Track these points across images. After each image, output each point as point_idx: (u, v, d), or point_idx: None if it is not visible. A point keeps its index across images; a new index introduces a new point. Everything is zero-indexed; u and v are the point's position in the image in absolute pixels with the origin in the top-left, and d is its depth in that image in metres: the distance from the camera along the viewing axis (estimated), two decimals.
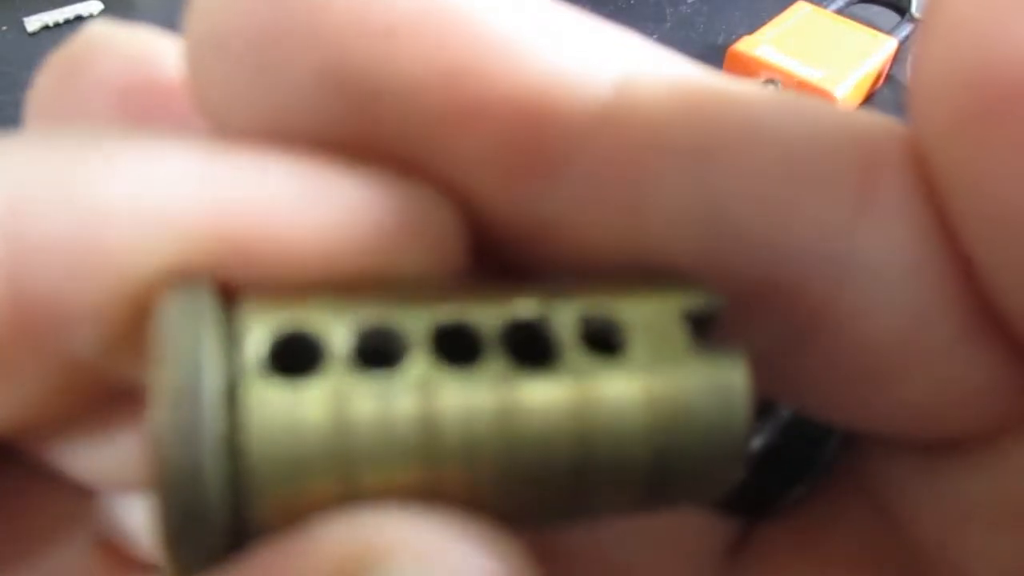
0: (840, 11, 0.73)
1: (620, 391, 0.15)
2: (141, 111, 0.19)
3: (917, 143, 0.17)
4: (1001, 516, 0.19)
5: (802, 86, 0.65)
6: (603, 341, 0.16)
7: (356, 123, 0.15)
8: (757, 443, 0.22)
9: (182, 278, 0.15)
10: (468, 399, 0.14)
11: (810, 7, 0.72)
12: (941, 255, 0.17)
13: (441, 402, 0.14)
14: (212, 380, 0.13)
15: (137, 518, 0.21)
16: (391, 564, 0.12)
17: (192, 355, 0.13)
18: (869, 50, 0.68)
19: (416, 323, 0.14)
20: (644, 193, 0.16)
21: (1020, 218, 0.15)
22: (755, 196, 0.16)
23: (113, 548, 0.21)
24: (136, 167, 0.15)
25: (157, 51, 0.20)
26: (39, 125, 0.20)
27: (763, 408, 0.22)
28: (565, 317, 0.15)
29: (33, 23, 0.75)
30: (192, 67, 0.16)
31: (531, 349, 0.15)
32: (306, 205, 0.15)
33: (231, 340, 0.14)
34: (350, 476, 0.14)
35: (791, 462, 0.22)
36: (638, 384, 0.15)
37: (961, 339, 0.17)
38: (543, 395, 0.15)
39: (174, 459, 0.13)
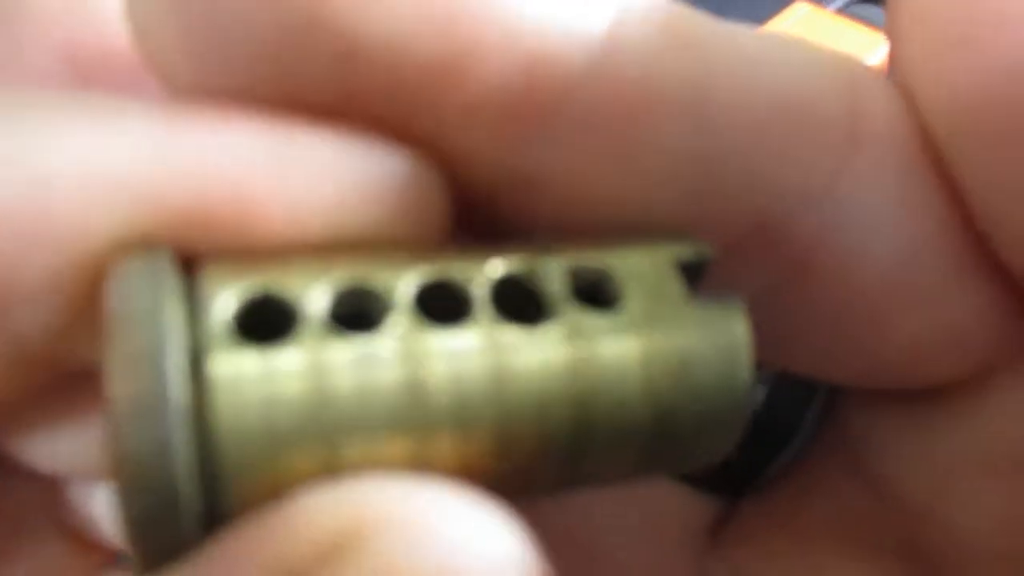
0: (840, 11, 0.73)
1: (618, 345, 0.14)
2: (86, 66, 0.18)
3: (903, 81, 0.17)
4: (991, 463, 0.18)
5: None
6: (595, 296, 0.15)
7: (331, 78, 0.14)
8: (759, 395, 0.22)
9: (138, 247, 0.13)
10: (456, 359, 0.13)
11: (809, 6, 0.72)
12: (931, 191, 0.17)
13: (427, 363, 0.13)
14: (175, 348, 0.12)
15: (103, 505, 0.20)
16: (381, 539, 0.11)
17: (151, 321, 0.12)
18: (867, 49, 0.68)
19: (397, 282, 0.14)
20: (638, 139, 0.16)
21: (1011, 141, 0.15)
22: (748, 139, 0.16)
23: (81, 537, 0.20)
24: (86, 130, 0.14)
25: (102, 3, 0.18)
26: None
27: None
28: (554, 271, 0.15)
29: None
30: (134, 16, 0.15)
31: (521, 308, 0.14)
32: (273, 169, 0.14)
33: (194, 306, 0.13)
34: (332, 449, 0.13)
35: (769, 437, 0.22)
36: (636, 337, 0.14)
37: (952, 275, 0.17)
38: (537, 351, 0.14)
39: (135, 437, 0.12)
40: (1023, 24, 0.15)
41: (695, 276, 0.16)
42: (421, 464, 0.13)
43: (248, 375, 0.12)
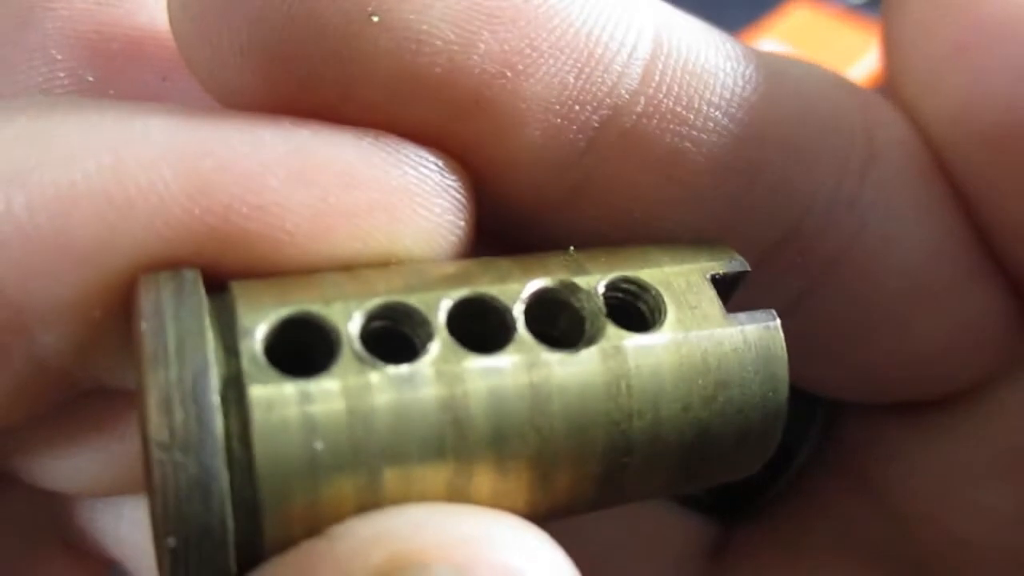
0: (858, 7, 0.73)
1: (655, 368, 0.14)
2: (111, 60, 0.17)
3: (903, 94, 0.18)
4: (993, 469, 0.19)
5: None
6: (631, 310, 0.15)
7: (397, 87, 0.14)
8: None
9: (165, 269, 0.13)
10: (495, 382, 0.13)
11: (808, 6, 0.72)
12: (942, 200, 0.18)
13: (466, 387, 0.13)
14: (213, 381, 0.12)
15: (107, 520, 0.20)
16: (430, 570, 0.11)
17: (189, 352, 0.12)
18: (862, 50, 0.68)
19: (431, 301, 0.13)
20: (683, 149, 0.16)
21: (1011, 147, 0.16)
22: (781, 150, 0.17)
23: (83, 551, 0.20)
24: (109, 143, 0.13)
25: None
26: None
27: None
28: (590, 285, 0.14)
29: None
30: (187, 29, 0.14)
31: (555, 319, 0.14)
32: (298, 173, 0.14)
33: (228, 333, 0.13)
34: (371, 478, 0.12)
35: (774, 456, 0.22)
36: (674, 358, 0.14)
37: (966, 278, 0.18)
38: (576, 378, 0.13)
39: (175, 473, 0.11)
40: (1019, 34, 0.16)
41: (730, 287, 0.16)
42: (460, 493, 0.13)
43: (287, 407, 0.12)
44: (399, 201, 0.14)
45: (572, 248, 0.15)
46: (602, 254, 0.15)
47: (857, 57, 0.68)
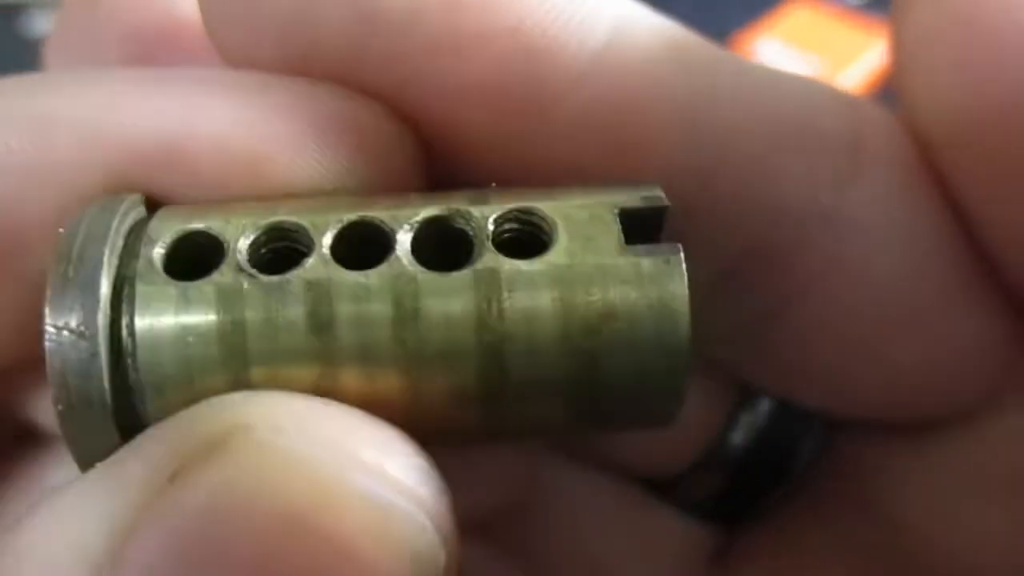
0: (858, 7, 0.73)
1: (531, 293, 0.14)
2: (154, 48, 0.20)
3: (905, 100, 0.17)
4: (990, 489, 0.19)
5: None
6: (529, 244, 0.15)
7: (357, 40, 0.16)
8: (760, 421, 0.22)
9: (112, 193, 0.15)
10: (361, 295, 0.14)
11: (808, 6, 0.72)
12: (933, 216, 0.17)
13: (331, 298, 0.14)
14: (104, 278, 0.14)
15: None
16: (257, 435, 0.12)
17: (90, 252, 0.14)
18: (862, 49, 0.68)
19: (320, 223, 0.14)
20: (633, 142, 0.16)
21: (1009, 156, 0.16)
22: (749, 152, 0.16)
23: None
24: (82, 87, 0.16)
25: None
26: (57, 60, 0.20)
27: (741, 403, 0.22)
28: (483, 213, 0.14)
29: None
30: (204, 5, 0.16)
31: (448, 251, 0.14)
32: (238, 112, 0.15)
33: (137, 242, 0.14)
34: (239, 374, 0.14)
35: (769, 466, 0.22)
36: (553, 286, 0.14)
37: (955, 295, 0.17)
38: (443, 296, 0.14)
39: (64, 352, 0.13)
40: (1017, 46, 0.15)
41: (650, 226, 0.15)
42: (325, 394, 0.14)
43: (166, 304, 0.14)
44: (330, 133, 0.16)
45: (493, 184, 0.15)
46: (515, 189, 0.15)
47: (857, 57, 0.68)
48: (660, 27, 0.16)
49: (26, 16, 0.76)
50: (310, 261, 0.14)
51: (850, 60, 0.66)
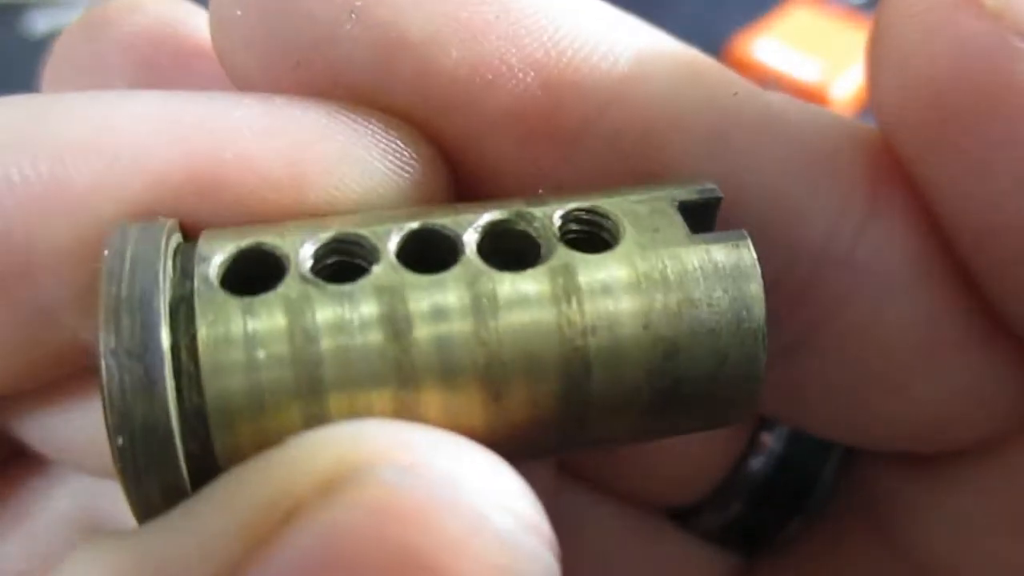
0: (858, 7, 0.73)
1: (607, 279, 0.13)
2: (165, 71, 0.19)
3: (877, 116, 0.17)
4: (1011, 523, 0.19)
5: (796, 85, 0.65)
6: (593, 240, 0.14)
7: (379, 71, 0.15)
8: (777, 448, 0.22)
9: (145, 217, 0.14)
10: (436, 298, 0.13)
11: (808, 6, 0.72)
12: (943, 260, 0.17)
13: (406, 303, 0.13)
14: (160, 297, 0.12)
15: (119, 505, 0.21)
16: (377, 473, 0.11)
17: (140, 273, 0.13)
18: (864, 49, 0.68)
19: (382, 232, 0.14)
20: (658, 168, 0.16)
21: (1007, 225, 0.16)
22: (770, 187, 0.17)
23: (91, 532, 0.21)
24: (99, 109, 0.15)
25: (184, 14, 0.20)
26: (55, 79, 0.20)
27: (759, 431, 0.22)
28: (546, 214, 0.14)
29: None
30: (213, 19, 0.16)
31: (514, 253, 0.14)
32: (269, 132, 0.15)
33: (187, 263, 0.13)
34: (314, 388, 0.13)
35: (787, 494, 0.22)
36: (629, 270, 0.14)
37: (968, 341, 0.18)
38: (521, 288, 0.13)
39: (122, 379, 0.12)
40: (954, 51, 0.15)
41: (705, 217, 0.15)
42: (408, 413, 0.13)
43: (231, 320, 0.13)
44: (367, 153, 0.15)
45: (540, 191, 0.15)
46: (571, 192, 0.15)
47: (857, 57, 0.68)
48: (682, 56, 0.17)
49: (27, 16, 0.76)
50: (378, 268, 0.13)
51: (850, 60, 0.66)
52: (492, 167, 0.16)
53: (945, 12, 0.15)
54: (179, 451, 0.12)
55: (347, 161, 0.15)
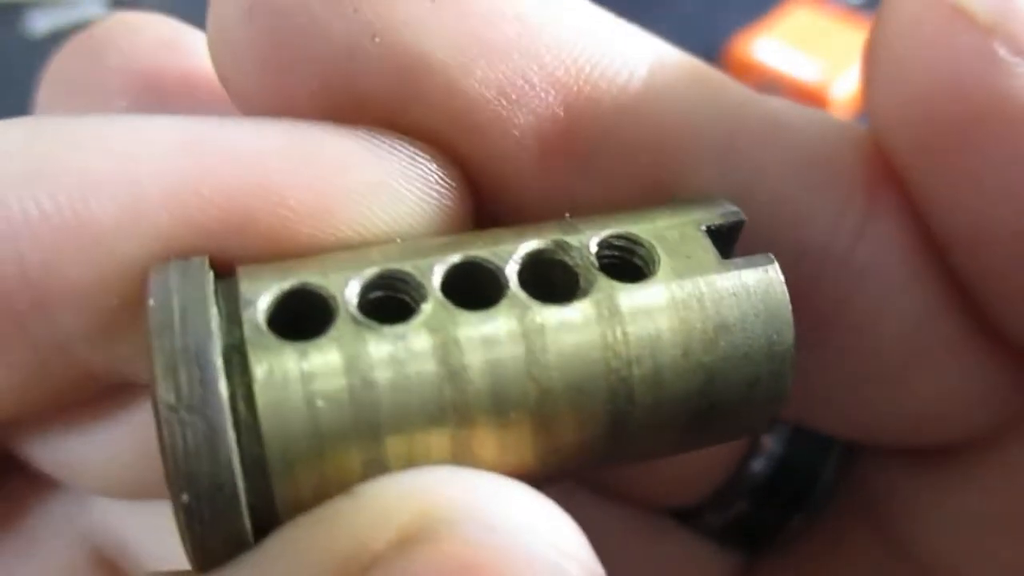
0: (858, 7, 0.73)
1: (650, 317, 0.14)
2: (164, 94, 0.19)
3: (872, 121, 0.18)
4: (1009, 520, 0.19)
5: (796, 86, 0.65)
6: (626, 264, 0.15)
7: (401, 91, 0.15)
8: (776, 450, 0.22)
9: (176, 256, 0.14)
10: (488, 335, 0.13)
11: (808, 6, 0.72)
12: (938, 261, 0.18)
13: (459, 342, 0.13)
14: (215, 347, 0.12)
15: (133, 528, 0.20)
16: (455, 527, 0.12)
17: (192, 319, 0.13)
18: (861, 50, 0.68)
19: (424, 267, 0.14)
20: (671, 180, 0.17)
21: (997, 235, 0.16)
22: (775, 190, 0.17)
23: (106, 560, 0.21)
24: (123, 137, 0.14)
25: (182, 37, 0.20)
26: (50, 101, 0.20)
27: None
28: (583, 242, 0.14)
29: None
30: (214, 41, 0.16)
31: (552, 282, 0.14)
32: (298, 162, 0.14)
33: (232, 305, 0.13)
34: (373, 431, 0.13)
35: (789, 493, 0.22)
36: (669, 300, 0.14)
37: (960, 341, 0.18)
38: (569, 329, 0.14)
39: (183, 428, 0.12)
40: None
41: (728, 239, 0.16)
42: (464, 451, 0.13)
43: (287, 367, 0.13)
44: (397, 182, 0.15)
45: (567, 215, 0.16)
46: (597, 217, 0.15)
47: (857, 57, 0.68)
48: (689, 68, 0.17)
49: (27, 16, 0.77)
50: (427, 306, 0.13)
51: (850, 60, 0.66)
52: (511, 185, 0.16)
53: (938, 25, 0.16)
54: (243, 505, 0.12)
55: (377, 191, 0.15)
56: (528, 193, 0.17)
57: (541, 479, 0.14)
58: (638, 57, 0.16)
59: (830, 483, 0.22)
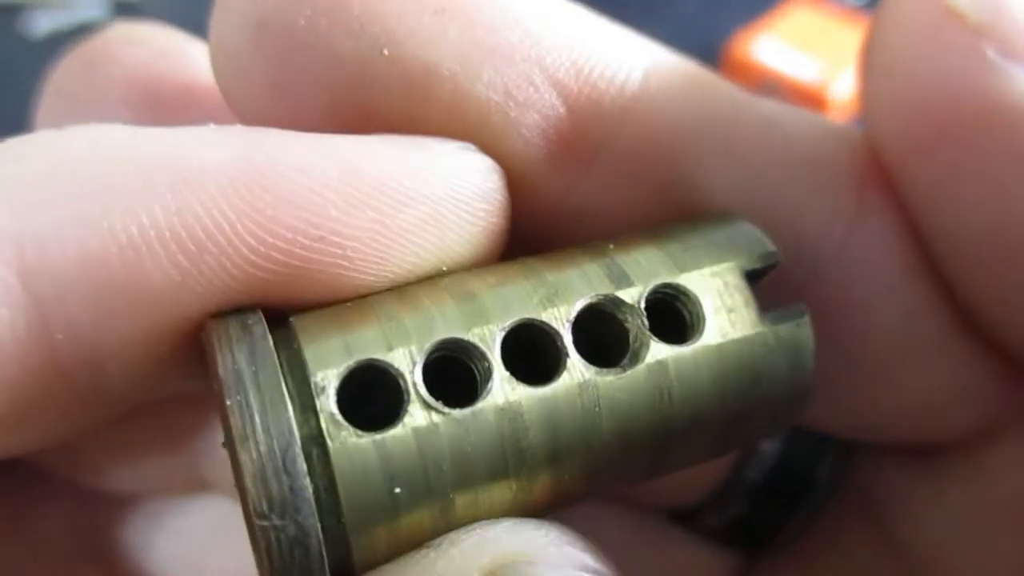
0: (858, 7, 0.73)
1: (696, 372, 0.15)
2: (165, 105, 0.19)
3: (866, 121, 0.18)
4: (1004, 517, 0.19)
5: (795, 85, 0.65)
6: (670, 308, 0.16)
7: (411, 103, 0.16)
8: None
9: (230, 313, 0.14)
10: (550, 412, 0.14)
11: (808, 5, 0.72)
12: (925, 260, 0.18)
13: (525, 421, 0.14)
14: (298, 448, 0.13)
15: (139, 530, 0.21)
16: (525, 568, 0.13)
17: (274, 424, 0.13)
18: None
19: (486, 336, 0.14)
20: (674, 179, 0.17)
21: (981, 232, 0.16)
22: (770, 190, 0.17)
23: (109, 563, 0.21)
24: (168, 182, 0.13)
25: (183, 47, 0.20)
26: (51, 114, 0.20)
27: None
28: (631, 297, 0.15)
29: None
30: (218, 57, 0.16)
31: (602, 327, 0.15)
32: (355, 204, 0.14)
33: (301, 385, 0.14)
34: (444, 506, 0.14)
35: (786, 494, 0.22)
36: (713, 362, 0.15)
37: (946, 338, 0.18)
38: (624, 393, 0.15)
39: (276, 533, 0.13)
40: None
41: (762, 275, 0.16)
42: (524, 503, 0.15)
43: (367, 460, 0.13)
44: (447, 211, 0.15)
45: (611, 246, 0.16)
46: (640, 255, 0.16)
47: (856, 57, 0.68)
48: (686, 70, 0.17)
49: (27, 16, 0.77)
50: (494, 385, 0.14)
51: (849, 60, 0.66)
52: (522, 186, 0.17)
53: (931, 24, 0.16)
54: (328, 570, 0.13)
55: (428, 226, 0.15)
56: (537, 195, 0.17)
57: (582, 499, 0.15)
58: (634, 60, 0.17)
59: (828, 482, 0.22)
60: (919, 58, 0.16)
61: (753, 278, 0.16)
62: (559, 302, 0.15)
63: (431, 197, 0.15)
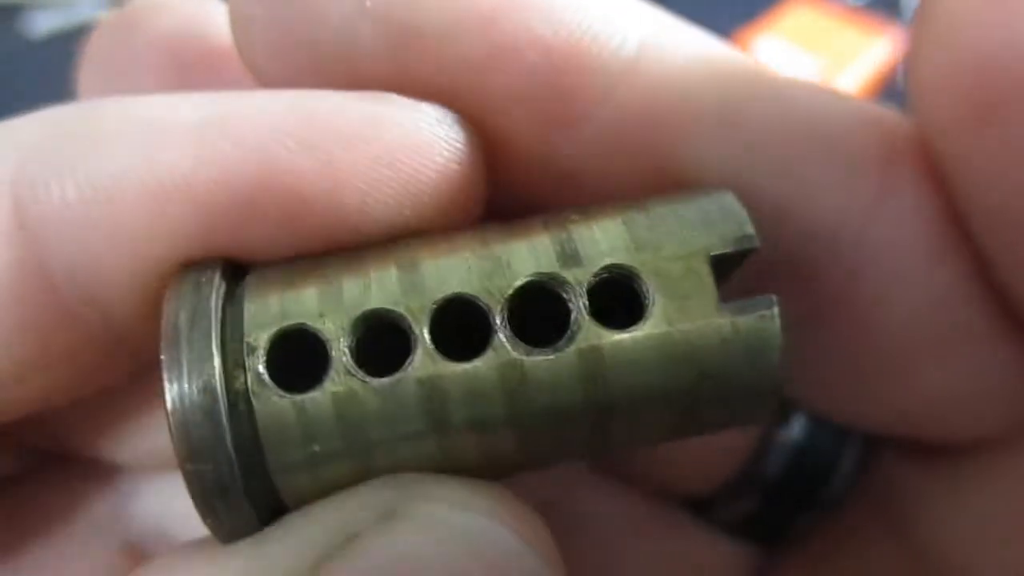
0: (858, 7, 0.73)
1: (633, 359, 0.14)
2: (191, 69, 0.20)
3: (925, 140, 0.17)
4: (1021, 523, 0.19)
5: None
6: (623, 288, 0.15)
7: (396, 62, 0.16)
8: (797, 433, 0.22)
9: (193, 263, 0.15)
10: (472, 387, 0.14)
11: (808, 5, 0.72)
12: (958, 246, 0.17)
13: (445, 394, 0.14)
14: (221, 401, 0.14)
15: (174, 519, 0.21)
16: (420, 510, 0.14)
17: (196, 375, 0.14)
18: (860, 49, 0.68)
19: (416, 307, 0.14)
20: (668, 149, 0.16)
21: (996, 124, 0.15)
22: (781, 168, 0.17)
23: (137, 547, 0.21)
24: (139, 136, 0.15)
25: (208, 13, 0.21)
26: (90, 83, 0.21)
27: (776, 424, 0.22)
28: (575, 278, 0.15)
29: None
30: (234, 19, 0.17)
31: (541, 303, 0.15)
32: (307, 145, 0.15)
33: (236, 338, 0.14)
34: (365, 461, 0.15)
35: (803, 488, 0.22)
36: (654, 350, 0.14)
37: (978, 331, 0.17)
38: (552, 375, 0.14)
39: (199, 476, 0.14)
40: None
41: (738, 261, 0.15)
42: (449, 469, 0.15)
43: (286, 418, 0.14)
44: (402, 157, 0.15)
45: (574, 217, 0.15)
46: (600, 230, 0.15)
47: (857, 56, 0.68)
48: (692, 39, 0.17)
49: (27, 16, 0.77)
50: (417, 357, 0.14)
51: (850, 60, 0.66)
52: (507, 151, 0.17)
53: None
54: (251, 501, 0.14)
55: (381, 171, 0.15)
56: (521, 158, 0.17)
57: (525, 468, 0.15)
58: (631, 25, 0.16)
59: (847, 477, 0.22)
60: (980, 22, 0.15)
61: (726, 263, 0.15)
62: (498, 278, 0.15)
63: (383, 139, 0.15)
